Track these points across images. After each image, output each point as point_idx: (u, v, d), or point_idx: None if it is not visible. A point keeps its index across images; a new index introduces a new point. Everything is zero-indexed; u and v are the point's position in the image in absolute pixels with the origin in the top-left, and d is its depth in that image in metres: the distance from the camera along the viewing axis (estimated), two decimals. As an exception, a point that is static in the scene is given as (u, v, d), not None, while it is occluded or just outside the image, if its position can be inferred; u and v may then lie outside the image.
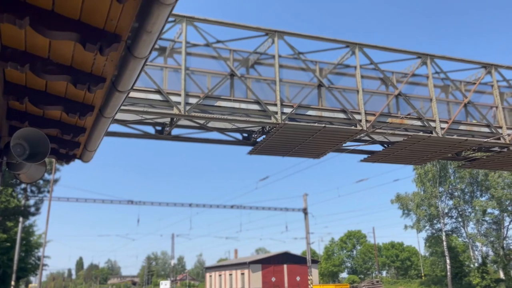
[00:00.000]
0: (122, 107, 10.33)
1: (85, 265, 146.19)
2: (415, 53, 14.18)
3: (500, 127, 14.63)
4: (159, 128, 13.07)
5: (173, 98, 10.98)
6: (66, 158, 6.07)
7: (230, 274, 64.70)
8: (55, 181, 27.27)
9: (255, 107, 11.91)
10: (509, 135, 14.61)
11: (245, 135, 14.13)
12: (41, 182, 26.10)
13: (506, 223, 50.11)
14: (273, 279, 58.24)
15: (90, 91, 3.84)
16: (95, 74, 3.77)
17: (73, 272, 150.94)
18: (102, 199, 37.97)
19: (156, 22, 2.80)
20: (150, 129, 13.07)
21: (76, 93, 4.23)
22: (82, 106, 4.42)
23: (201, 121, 12.64)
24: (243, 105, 11.80)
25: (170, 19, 11.18)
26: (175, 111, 10.91)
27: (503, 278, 48.29)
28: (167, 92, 11.00)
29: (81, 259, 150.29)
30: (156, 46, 11.84)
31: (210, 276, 74.61)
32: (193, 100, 11.21)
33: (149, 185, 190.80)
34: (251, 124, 12.22)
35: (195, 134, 13.48)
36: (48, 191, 26.94)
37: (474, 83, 14.96)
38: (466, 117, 14.63)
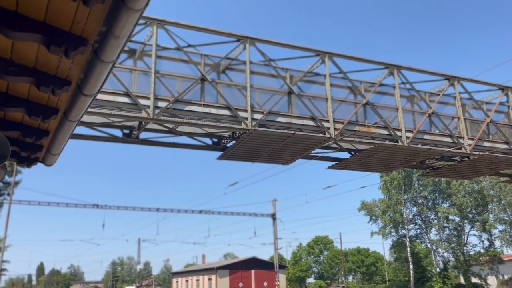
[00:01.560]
0: (89, 110, 10.08)
1: (47, 271, 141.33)
2: (382, 63, 14.54)
3: (462, 137, 15.18)
4: (126, 131, 12.85)
5: (142, 102, 10.83)
6: (28, 162, 5.87)
7: (197, 280, 64.08)
8: (16, 183, 26.29)
9: (226, 112, 11.90)
10: (470, 145, 15.17)
11: (215, 140, 14.08)
12: (0, 184, 25.10)
13: (466, 230, 51.88)
14: (241, 284, 58.08)
15: (54, 94, 3.74)
16: (59, 77, 3.67)
17: (34, 277, 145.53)
18: (66, 203, 36.92)
19: (125, 27, 2.76)
20: (118, 132, 12.83)
21: (40, 96, 4.11)
22: (46, 109, 4.30)
23: (170, 125, 12.51)
24: (214, 110, 11.76)
25: (141, 21, 11.05)
26: (143, 114, 10.76)
27: (463, 283, 49.92)
28: (136, 95, 10.83)
29: (42, 264, 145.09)
30: (126, 48, 11.68)
31: (177, 281, 73.65)
32: (162, 104, 11.08)
33: (115, 189, 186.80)
34: (221, 129, 12.19)
35: (163, 138, 13.34)
36: (8, 194, 25.93)
37: (438, 94, 15.47)
38: (430, 127, 15.10)
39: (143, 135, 12.93)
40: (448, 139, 15.05)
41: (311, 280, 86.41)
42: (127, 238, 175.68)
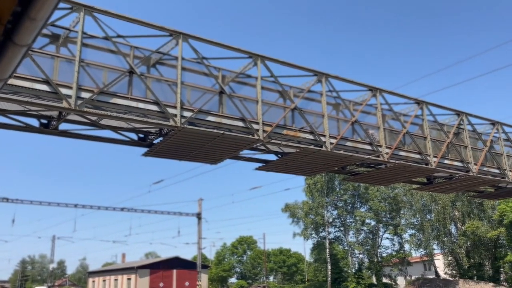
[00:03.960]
0: (2, 95, 9.30)
1: None
2: (312, 70, 15.01)
3: (381, 146, 16.12)
4: (44, 121, 12.01)
5: (63, 91, 10.18)
6: None
7: (116, 279, 61.71)
8: None
9: (154, 108, 11.57)
10: (387, 153, 16.16)
11: (141, 136, 13.64)
12: None
13: (380, 233, 55.28)
14: (161, 284, 56.88)
15: (-43, 75, 3.38)
16: (-35, 57, 3.32)
17: None
18: (-29, 195, 33.66)
19: (42, 9, 2.56)
20: (34, 122, 11.95)
21: None
22: None
23: (94, 118, 11.90)
24: (141, 105, 11.38)
25: (66, 5, 10.41)
26: (64, 104, 10.12)
27: (376, 283, 53.07)
28: (57, 84, 10.16)
29: None
30: (48, 33, 10.93)
31: (93, 281, 70.38)
32: (86, 95, 10.50)
33: (29, 182, 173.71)
34: (148, 125, 11.82)
35: (85, 131, 12.66)
36: None
37: (361, 104, 16.30)
38: (353, 134, 15.85)
39: (63, 126, 12.17)
40: (368, 147, 15.91)
41: (233, 280, 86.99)
42: (40, 235, 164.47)
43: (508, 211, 40.51)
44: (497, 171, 20.19)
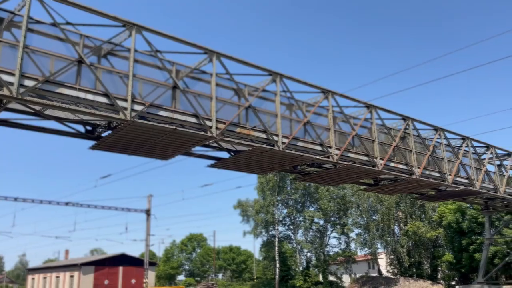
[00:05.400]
0: None
1: None
2: (267, 70, 15.10)
3: (331, 147, 16.50)
4: (-17, 109, 11.28)
5: (5, 77, 9.61)
6: None
7: (57, 277, 59.22)
8: None
9: (103, 99, 11.18)
10: (337, 154, 16.58)
11: (89, 128, 13.15)
12: None
13: (328, 232, 56.67)
14: (106, 281, 55.23)
15: None
16: None
17: None
18: None
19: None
20: (-29, 109, 11.19)
21: None
22: None
23: (38, 107, 11.33)
24: (90, 96, 10.96)
25: (11, -13, 9.82)
26: (5, 92, 9.54)
27: (322, 281, 54.36)
28: (-2, 69, 9.57)
29: None
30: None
31: (33, 278, 67.20)
32: (30, 83, 9.96)
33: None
34: (96, 117, 11.38)
35: (28, 121, 12.02)
36: None
37: (314, 105, 16.61)
38: (304, 135, 16.13)
39: (3, 115, 11.50)
40: (319, 148, 16.24)
41: (181, 277, 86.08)
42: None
43: (447, 213, 42.80)
44: (438, 174, 21.28)
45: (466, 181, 22.98)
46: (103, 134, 13.10)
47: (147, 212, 41.73)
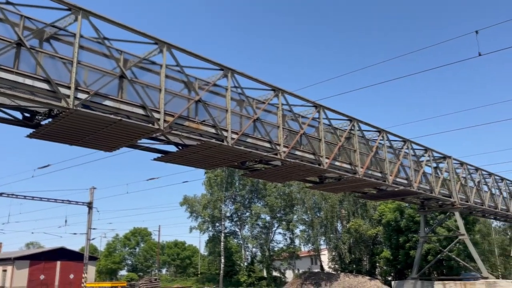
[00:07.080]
0: None
1: None
2: (219, 64, 14.98)
3: (279, 144, 16.70)
4: None
5: None
6: None
7: (-12, 272, 55.73)
8: None
9: (44, 85, 10.58)
10: (284, 152, 16.80)
11: (27, 115, 12.42)
12: None
13: (274, 228, 57.47)
14: (42, 277, 52.75)
15: None
16: None
17: None
18: None
19: None
20: None
21: None
22: None
23: (-30, 91, 10.53)
24: (29, 81, 10.33)
25: None
26: None
27: (266, 276, 55.10)
28: None
29: None
30: None
31: (-40, 273, 62.75)
32: (-39, 63, 9.25)
33: None
34: (36, 103, 10.74)
35: (-41, 104, 11.16)
36: None
37: (264, 102, 16.72)
38: (254, 131, 16.19)
39: None
40: (267, 145, 16.38)
41: (123, 272, 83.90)
42: None
43: (386, 211, 44.73)
44: (379, 174, 22.17)
45: (405, 181, 24.11)
46: (43, 122, 12.43)
47: (89, 205, 40.25)
